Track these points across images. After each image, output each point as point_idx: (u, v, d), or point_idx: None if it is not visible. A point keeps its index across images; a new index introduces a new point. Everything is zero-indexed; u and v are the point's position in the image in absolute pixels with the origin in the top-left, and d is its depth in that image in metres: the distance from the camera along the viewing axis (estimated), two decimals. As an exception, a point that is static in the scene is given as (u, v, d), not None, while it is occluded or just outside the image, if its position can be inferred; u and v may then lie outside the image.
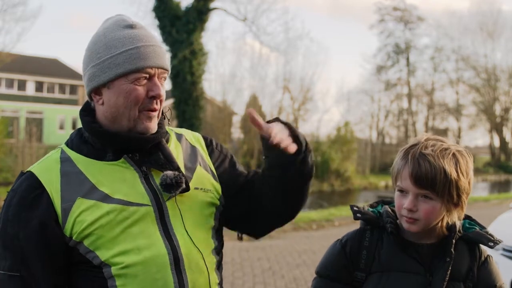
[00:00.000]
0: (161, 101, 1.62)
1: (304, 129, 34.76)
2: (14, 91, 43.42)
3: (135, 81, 1.57)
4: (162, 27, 25.05)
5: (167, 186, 1.57)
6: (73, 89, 47.29)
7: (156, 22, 25.24)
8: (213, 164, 1.78)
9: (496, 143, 41.96)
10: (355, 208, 1.82)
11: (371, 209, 1.84)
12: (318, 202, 20.05)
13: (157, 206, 1.57)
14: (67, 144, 1.66)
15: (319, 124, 43.16)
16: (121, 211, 1.53)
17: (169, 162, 1.62)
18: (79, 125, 1.70)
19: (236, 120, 30.00)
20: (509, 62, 40.97)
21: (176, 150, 1.72)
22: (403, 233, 1.75)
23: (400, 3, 41.68)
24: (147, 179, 1.60)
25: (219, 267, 1.69)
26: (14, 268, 1.51)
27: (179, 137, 1.78)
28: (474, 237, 1.75)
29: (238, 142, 28.35)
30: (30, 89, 44.54)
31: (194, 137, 1.82)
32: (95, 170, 1.57)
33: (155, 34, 1.68)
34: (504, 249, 4.87)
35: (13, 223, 1.53)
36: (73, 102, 45.93)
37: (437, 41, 42.01)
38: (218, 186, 1.74)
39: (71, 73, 47.37)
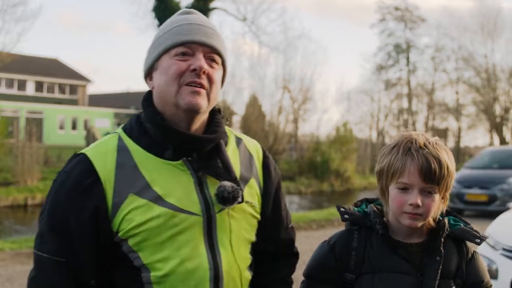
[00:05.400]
0: (210, 79, 1.54)
1: (304, 129, 34.77)
2: (14, 91, 43.40)
3: (175, 56, 1.53)
4: (162, 27, 25.04)
5: (223, 199, 1.51)
6: (73, 89, 47.24)
7: (156, 22, 25.23)
8: (264, 179, 1.71)
9: (496, 143, 41.93)
10: (342, 209, 1.80)
11: (356, 209, 1.83)
12: (318, 202, 20.04)
13: (207, 217, 1.51)
14: (125, 129, 1.59)
15: (319, 124, 43.08)
16: (171, 217, 1.48)
17: (227, 171, 1.55)
18: (79, 125, 1.68)
19: (236, 120, 29.98)
20: (509, 62, 41.00)
21: (234, 156, 1.64)
22: (391, 233, 1.74)
23: (402, 3, 41.58)
24: (201, 186, 1.53)
25: (252, 283, 1.64)
26: (60, 253, 1.47)
27: (238, 141, 1.71)
28: (460, 234, 1.75)
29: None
30: (30, 89, 44.51)
31: (253, 145, 1.74)
32: (152, 167, 1.51)
33: (211, 22, 1.64)
34: (504, 249, 4.86)
35: (64, 207, 1.48)
36: (73, 102, 45.90)
37: (438, 41, 41.98)
38: (260, 201, 1.68)
39: (71, 73, 47.34)
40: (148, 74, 1.60)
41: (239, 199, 1.53)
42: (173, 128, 1.52)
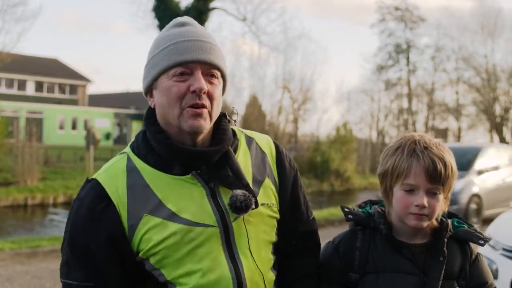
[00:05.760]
0: (210, 98, 1.52)
1: (304, 129, 34.77)
2: (14, 91, 43.39)
3: (174, 77, 1.51)
4: (162, 27, 24.98)
5: (236, 209, 1.51)
6: (73, 89, 47.23)
7: (156, 22, 25.22)
8: (278, 176, 1.70)
9: (496, 143, 41.92)
10: (346, 210, 1.82)
11: (360, 210, 1.84)
12: (318, 202, 20.04)
13: (223, 227, 1.52)
14: (132, 148, 1.59)
15: (319, 124, 43.10)
16: (187, 232, 1.49)
17: (238, 179, 1.54)
18: (79, 125, 1.68)
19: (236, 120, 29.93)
20: (509, 62, 40.96)
21: (245, 159, 1.64)
22: (395, 233, 1.75)
23: (401, 3, 41.57)
24: (214, 196, 1.53)
25: (276, 282, 1.64)
26: (88, 279, 1.48)
27: (249, 141, 1.70)
28: (464, 235, 1.76)
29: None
30: (30, 89, 44.50)
31: (265, 142, 1.74)
32: (162, 184, 1.51)
33: (207, 32, 1.61)
34: (504, 249, 4.86)
35: (82, 234, 1.50)
36: (73, 102, 45.88)
37: (438, 41, 41.98)
38: (277, 198, 1.67)
39: (71, 73, 47.33)
40: (148, 92, 1.60)
41: (253, 206, 1.52)
42: (178, 146, 1.53)
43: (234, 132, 1.68)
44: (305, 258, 1.76)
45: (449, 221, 1.78)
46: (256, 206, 1.54)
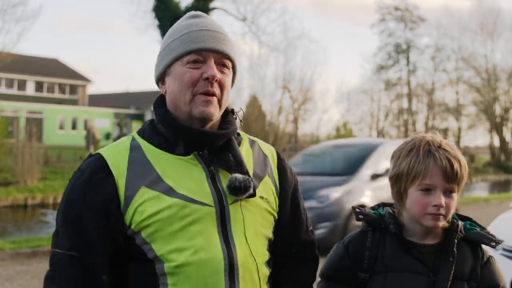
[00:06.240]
0: (221, 86, 1.57)
1: (304, 129, 34.79)
2: (14, 91, 43.43)
3: (188, 64, 1.56)
4: (162, 27, 25.02)
5: (234, 189, 1.52)
6: (73, 89, 47.27)
7: (156, 22, 25.22)
8: (279, 179, 1.71)
9: (496, 143, 41.96)
10: (357, 210, 1.82)
11: (372, 211, 1.85)
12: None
13: (220, 208, 1.53)
14: (138, 133, 1.64)
15: (319, 124, 43.09)
16: (183, 207, 1.50)
17: (238, 165, 1.57)
18: (79, 125, 1.71)
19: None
20: (509, 62, 40.99)
21: (247, 154, 1.66)
22: (405, 234, 1.76)
23: (401, 3, 41.61)
24: (214, 179, 1.55)
25: (269, 281, 1.63)
26: (74, 248, 1.49)
27: (252, 142, 1.73)
28: (475, 237, 1.77)
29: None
30: (30, 89, 44.54)
31: (268, 148, 1.77)
32: (163, 162, 1.55)
33: (220, 25, 1.67)
34: (504, 249, 4.87)
35: (77, 203, 1.52)
36: (73, 102, 45.92)
37: (438, 41, 42.01)
38: (277, 201, 1.68)
39: (71, 73, 47.37)
40: (160, 79, 1.64)
41: (251, 190, 1.54)
42: (183, 125, 1.57)
43: (238, 133, 1.71)
44: (303, 269, 1.76)
45: (460, 222, 1.78)
46: (255, 193, 1.56)
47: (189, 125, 1.57)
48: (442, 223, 1.71)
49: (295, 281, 1.73)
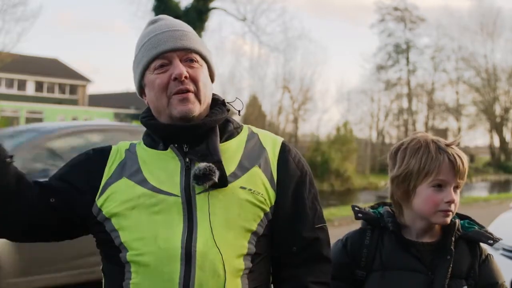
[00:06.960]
0: (194, 81, 1.59)
1: (304, 129, 34.80)
2: (14, 91, 43.43)
3: (155, 70, 1.60)
4: (162, 27, 25.03)
5: (195, 177, 1.52)
6: (73, 89, 47.28)
7: (156, 22, 25.23)
8: (278, 172, 1.64)
9: (496, 143, 41.98)
10: (356, 208, 1.84)
11: (372, 210, 1.86)
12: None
13: (186, 198, 1.54)
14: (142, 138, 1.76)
15: (319, 124, 43.13)
16: (150, 197, 1.54)
17: (210, 155, 1.56)
18: (79, 125, 1.76)
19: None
20: (509, 62, 41.01)
21: (236, 148, 1.64)
22: (404, 233, 1.77)
23: (401, 2, 41.64)
24: (188, 170, 1.56)
25: (250, 275, 1.56)
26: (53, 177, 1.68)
27: (251, 135, 1.70)
28: (473, 235, 1.78)
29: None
30: (30, 89, 44.55)
31: (270, 140, 1.71)
32: (146, 156, 1.63)
33: (179, 22, 1.68)
34: (504, 249, 4.87)
35: (73, 162, 1.70)
36: (73, 102, 45.93)
37: (437, 41, 42.03)
38: (272, 194, 1.61)
39: (71, 73, 47.38)
40: (141, 92, 1.70)
41: (215, 179, 1.51)
42: (156, 122, 1.63)
43: (238, 125, 1.70)
44: (306, 269, 1.64)
45: (458, 220, 1.80)
46: (222, 182, 1.53)
47: (162, 122, 1.64)
48: (450, 219, 1.73)
49: (293, 281, 1.63)
